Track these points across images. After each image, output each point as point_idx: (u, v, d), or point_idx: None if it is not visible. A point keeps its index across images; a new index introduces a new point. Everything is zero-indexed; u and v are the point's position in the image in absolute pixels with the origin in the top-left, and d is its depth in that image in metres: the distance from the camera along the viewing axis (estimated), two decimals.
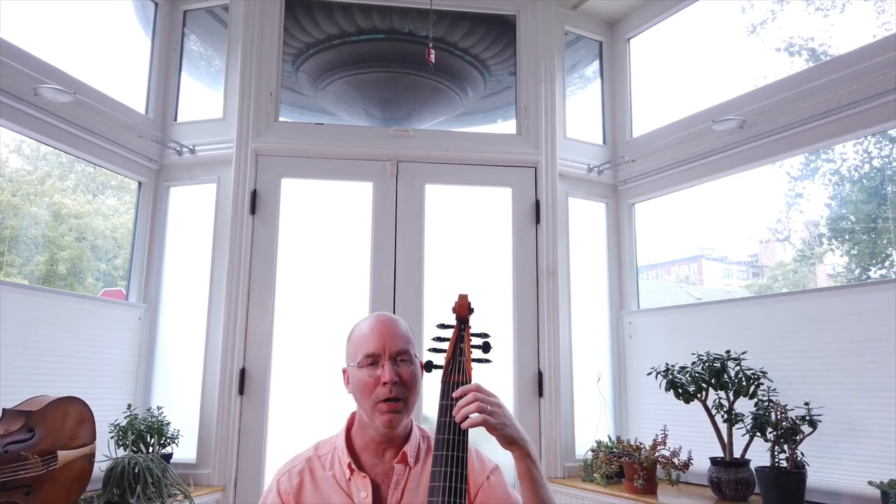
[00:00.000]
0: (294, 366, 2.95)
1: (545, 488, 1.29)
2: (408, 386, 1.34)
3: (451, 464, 1.21)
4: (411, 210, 3.13)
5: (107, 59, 3.14)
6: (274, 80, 3.15)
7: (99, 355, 2.74)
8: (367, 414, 1.34)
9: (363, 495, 1.33)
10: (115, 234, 3.56)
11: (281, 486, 1.40)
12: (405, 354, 1.35)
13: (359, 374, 1.35)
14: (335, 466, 1.39)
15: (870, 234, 3.46)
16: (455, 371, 1.32)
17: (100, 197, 3.61)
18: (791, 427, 2.23)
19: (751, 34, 3.50)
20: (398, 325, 1.39)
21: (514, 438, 1.25)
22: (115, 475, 2.37)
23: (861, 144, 3.41)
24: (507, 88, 3.71)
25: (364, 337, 1.37)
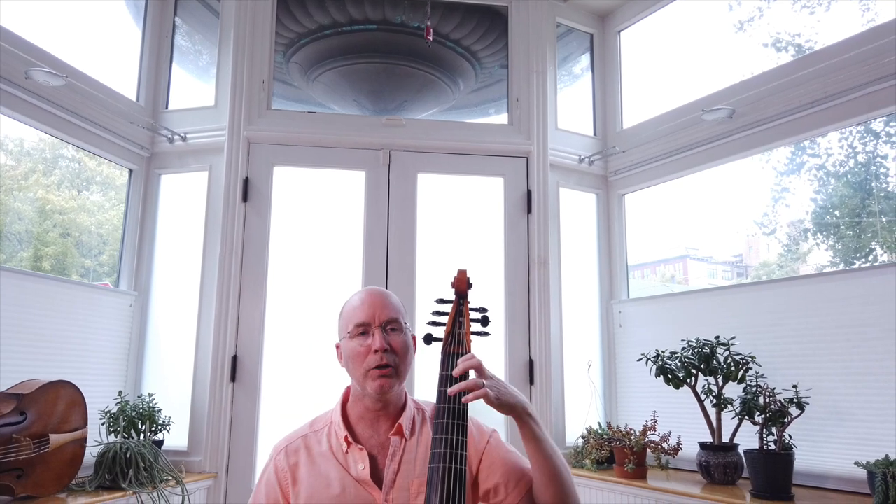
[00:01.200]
0: (286, 353, 2.95)
1: (549, 443, 1.31)
2: (399, 354, 1.35)
3: (452, 431, 1.22)
4: (404, 199, 3.14)
5: (98, 45, 3.13)
6: (266, 68, 3.15)
7: (89, 342, 2.73)
8: (359, 383, 1.36)
9: (360, 467, 1.34)
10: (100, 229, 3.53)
11: (277, 464, 1.41)
12: (395, 323, 1.37)
13: (350, 345, 1.36)
14: (332, 440, 1.40)
15: (854, 229, 3.52)
16: (455, 343, 1.34)
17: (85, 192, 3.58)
18: (779, 410, 2.26)
19: (738, 31, 3.54)
20: (388, 297, 1.41)
21: (513, 405, 1.28)
22: (106, 460, 2.37)
23: (846, 139, 3.46)
24: (499, 82, 3.72)
25: (354, 308, 1.39)
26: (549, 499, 1.31)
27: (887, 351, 2.26)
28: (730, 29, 3.45)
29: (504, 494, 1.37)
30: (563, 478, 1.32)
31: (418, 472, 1.35)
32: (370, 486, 1.33)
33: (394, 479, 1.34)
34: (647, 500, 2.50)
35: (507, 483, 1.37)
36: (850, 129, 3.39)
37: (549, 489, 1.31)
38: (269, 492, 1.40)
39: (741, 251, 4.64)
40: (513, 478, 1.38)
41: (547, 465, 1.30)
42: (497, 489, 1.38)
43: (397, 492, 1.33)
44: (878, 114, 2.44)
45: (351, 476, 1.35)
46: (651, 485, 2.52)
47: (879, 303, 2.30)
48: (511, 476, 1.38)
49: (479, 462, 1.40)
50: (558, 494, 1.31)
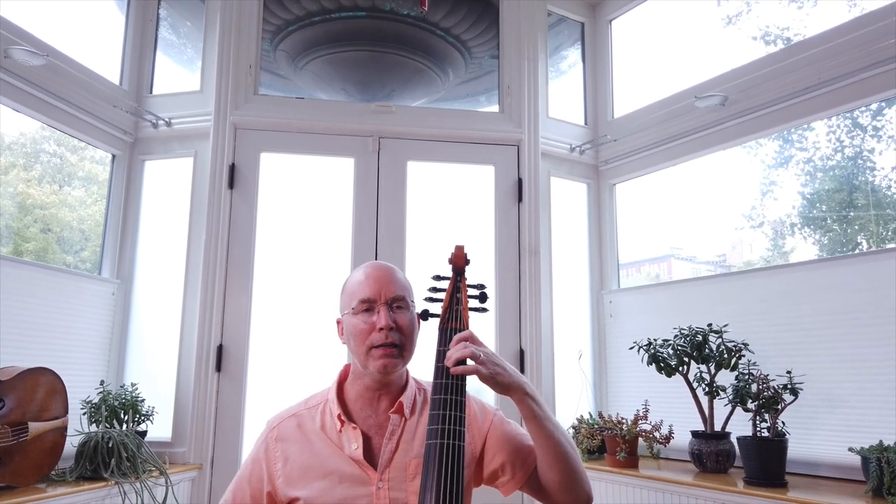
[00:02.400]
0: (273, 343, 2.89)
1: (550, 421, 1.28)
2: (404, 333, 1.31)
3: (449, 407, 1.19)
4: (393, 187, 3.09)
5: (80, 28, 3.04)
6: (253, 53, 3.09)
7: (71, 330, 2.66)
8: (360, 361, 1.31)
9: (354, 447, 1.30)
10: (82, 225, 3.45)
11: (268, 440, 1.37)
12: (402, 301, 1.32)
13: (353, 321, 1.31)
14: (325, 418, 1.36)
15: (840, 224, 3.53)
16: (452, 318, 1.30)
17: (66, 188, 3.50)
18: (772, 396, 2.25)
19: (727, 25, 3.54)
20: (395, 272, 1.36)
21: (510, 384, 1.24)
22: (88, 449, 2.30)
23: (834, 133, 3.47)
24: (489, 73, 3.69)
25: (359, 283, 1.34)
26: (556, 476, 1.28)
27: (879, 337, 2.25)
28: (718, 23, 3.44)
29: (511, 474, 1.34)
30: (569, 455, 1.28)
31: (416, 453, 1.31)
32: (364, 465, 1.29)
33: (391, 459, 1.30)
34: (640, 489, 2.48)
35: (514, 462, 1.34)
36: (838, 122, 3.39)
37: (553, 468, 1.28)
38: (254, 470, 1.37)
39: (724, 251, 4.66)
40: (519, 456, 1.35)
41: (550, 444, 1.27)
42: (503, 468, 1.34)
43: (394, 471, 1.29)
44: (871, 100, 2.44)
45: (345, 454, 1.30)
46: (643, 473, 2.50)
47: (871, 289, 2.29)
48: (517, 455, 1.35)
49: (483, 442, 1.36)
50: (564, 472, 1.28)
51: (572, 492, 1.29)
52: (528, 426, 1.27)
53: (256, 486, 1.36)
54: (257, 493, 1.35)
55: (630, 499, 2.51)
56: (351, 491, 1.27)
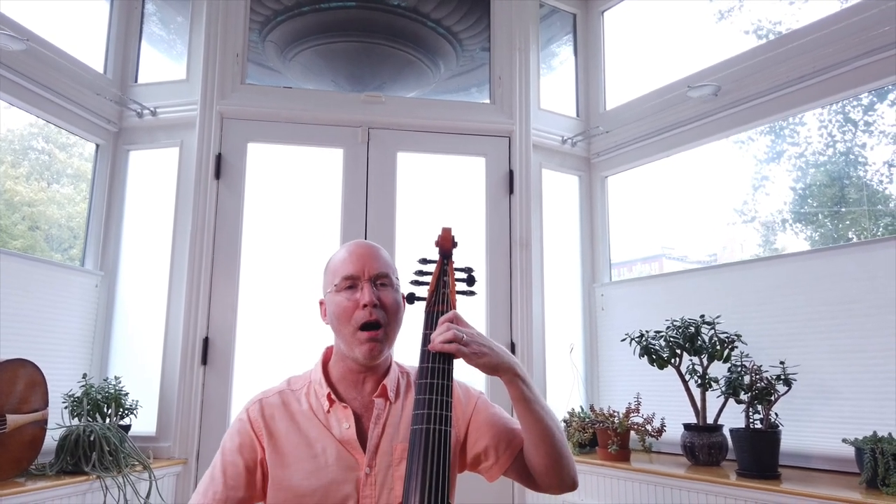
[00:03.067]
0: (261, 335, 2.84)
1: (539, 404, 1.24)
2: (389, 311, 1.26)
3: (435, 392, 1.15)
4: (383, 178, 3.05)
5: (62, 14, 2.98)
6: (241, 41, 3.04)
7: (52, 322, 2.60)
8: (345, 343, 1.26)
9: (345, 426, 1.25)
10: (70, 223, 3.40)
11: (251, 415, 1.30)
12: (386, 279, 1.28)
13: (336, 299, 1.27)
14: (311, 399, 1.31)
15: (832, 219, 3.51)
16: (439, 301, 1.26)
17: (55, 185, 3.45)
18: (766, 387, 2.22)
19: (720, 21, 3.51)
20: (379, 250, 1.32)
21: (497, 364, 1.20)
22: (69, 443, 2.25)
23: (825, 128, 3.45)
24: (480, 66, 3.65)
25: (342, 260, 1.30)
26: (542, 459, 1.25)
27: (875, 327, 2.23)
28: (711, 18, 3.42)
29: (494, 458, 1.31)
30: (556, 438, 1.25)
31: (402, 437, 1.26)
32: (354, 447, 1.24)
33: (377, 444, 1.25)
34: (632, 482, 2.45)
35: (497, 446, 1.31)
36: (830, 117, 3.38)
37: (540, 450, 1.25)
38: (243, 439, 1.28)
39: (715, 250, 4.65)
40: (503, 440, 1.31)
41: (537, 427, 1.23)
42: (487, 453, 1.31)
43: (381, 457, 1.24)
44: (865, 88, 2.42)
45: (333, 436, 1.25)
46: (635, 466, 2.47)
47: (866, 279, 2.27)
48: (501, 438, 1.31)
49: (466, 427, 1.32)
50: (550, 455, 1.25)
51: (558, 475, 1.26)
52: (516, 408, 1.24)
53: (250, 456, 1.26)
54: (252, 462, 1.26)
55: (621, 492, 2.48)
56: (338, 475, 1.22)
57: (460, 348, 1.16)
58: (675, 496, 2.29)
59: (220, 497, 1.23)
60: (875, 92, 3.26)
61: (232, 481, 1.25)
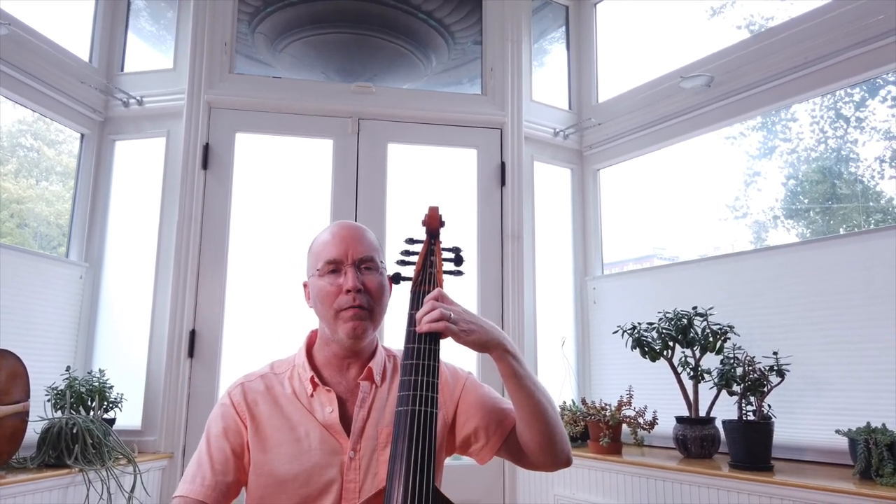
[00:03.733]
0: (248, 327, 2.80)
1: (530, 379, 1.21)
2: (373, 296, 1.23)
3: (421, 372, 1.11)
4: (373, 169, 3.02)
5: (47, 0, 2.94)
6: (229, 30, 3.00)
7: (35, 314, 2.55)
8: (329, 326, 1.23)
9: (329, 410, 1.22)
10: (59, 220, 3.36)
11: (234, 398, 1.27)
12: (370, 262, 1.25)
13: (319, 284, 1.24)
14: (294, 383, 1.27)
15: (823, 215, 3.50)
16: (425, 282, 1.23)
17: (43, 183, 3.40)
18: (759, 378, 2.20)
19: (712, 17, 3.50)
20: (363, 232, 1.29)
21: (486, 341, 1.17)
22: (51, 436, 2.20)
23: (817, 124, 3.44)
24: (472, 60, 3.62)
25: (325, 243, 1.26)
26: (534, 437, 1.22)
27: (869, 318, 2.21)
28: (703, 14, 3.40)
29: (485, 439, 1.28)
30: (548, 414, 1.22)
31: (387, 421, 1.23)
32: (338, 432, 1.21)
33: (363, 428, 1.22)
34: (623, 475, 2.42)
35: (488, 427, 1.28)
36: (822, 113, 3.37)
37: (532, 427, 1.21)
38: (227, 423, 1.25)
39: (707, 251, 4.64)
40: (493, 420, 1.28)
41: (529, 403, 1.20)
42: (477, 434, 1.28)
43: (365, 441, 1.21)
44: (858, 79, 2.40)
45: (317, 420, 1.22)
46: (627, 459, 2.44)
47: (859, 270, 2.25)
48: (491, 419, 1.28)
49: (455, 408, 1.29)
50: (543, 432, 1.22)
51: (551, 452, 1.24)
52: (507, 384, 1.21)
53: (236, 440, 1.23)
54: (238, 446, 1.23)
55: (613, 485, 2.46)
56: (321, 459, 1.19)
57: (449, 326, 1.13)
58: (668, 489, 2.27)
59: (209, 483, 1.21)
60: (867, 88, 3.25)
61: (220, 466, 1.22)
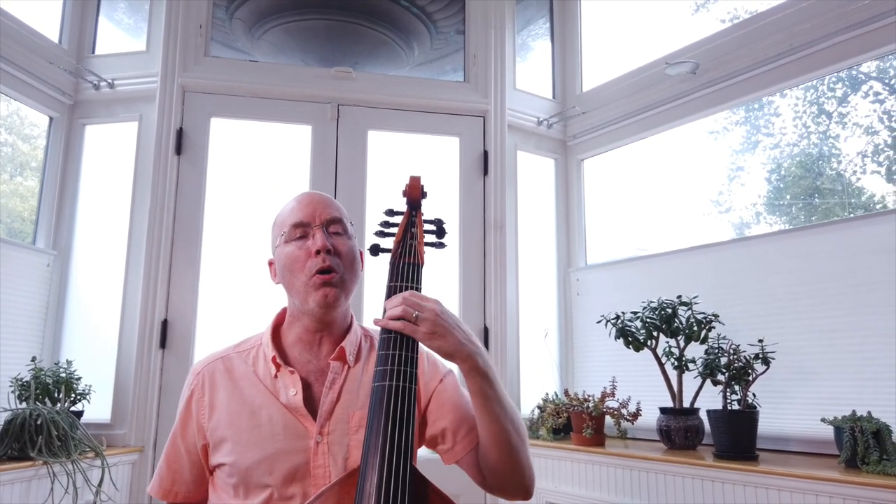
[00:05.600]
0: (223, 318, 2.72)
1: (500, 403, 1.11)
2: (344, 260, 1.16)
3: (399, 346, 1.05)
4: (353, 157, 2.95)
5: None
6: (204, 11, 2.91)
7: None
8: (298, 296, 1.16)
9: (292, 392, 1.15)
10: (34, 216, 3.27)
11: (195, 390, 1.21)
12: (339, 225, 1.18)
13: (286, 250, 1.17)
14: (258, 363, 1.20)
15: (806, 210, 3.50)
16: (406, 253, 1.16)
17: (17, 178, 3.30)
18: (743, 366, 2.17)
19: (695, 13, 3.48)
20: (330, 198, 1.23)
21: (452, 351, 1.06)
22: (14, 427, 2.11)
23: (800, 118, 3.43)
24: (455, 51, 3.56)
25: (291, 210, 1.20)
26: (492, 463, 1.14)
27: (852, 306, 2.19)
28: (687, 10, 3.38)
29: (451, 443, 1.19)
30: (512, 442, 1.12)
31: (361, 404, 1.16)
32: (302, 415, 1.14)
33: (331, 410, 1.15)
34: (607, 467, 2.38)
35: (457, 431, 1.19)
36: (804, 108, 3.36)
37: (492, 452, 1.13)
38: (186, 422, 1.22)
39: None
40: (463, 426, 1.19)
41: (493, 428, 1.11)
42: (444, 435, 1.20)
43: (335, 424, 1.14)
44: (843, 65, 2.39)
45: (280, 403, 1.15)
46: (610, 450, 2.40)
47: (843, 258, 2.23)
48: (461, 424, 1.20)
49: (427, 401, 1.22)
50: (501, 461, 1.13)
51: (508, 481, 1.15)
52: (473, 402, 1.12)
53: (191, 442, 1.20)
54: (192, 448, 1.20)
55: (596, 478, 2.41)
56: (285, 444, 1.12)
57: (408, 325, 1.04)
58: (652, 480, 2.23)
59: (167, 483, 1.23)
60: (849, 83, 3.24)
61: (176, 465, 1.23)
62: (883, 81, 2.99)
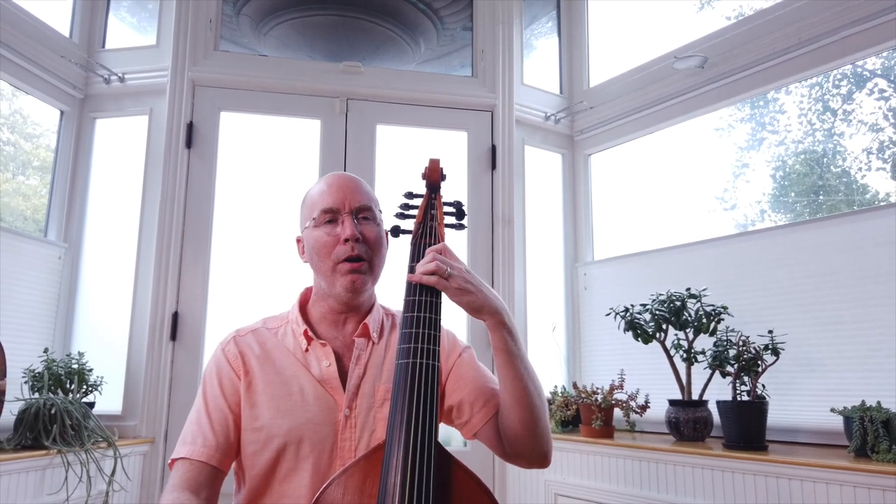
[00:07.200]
0: (233, 310, 2.73)
1: (521, 359, 1.15)
2: (372, 247, 1.18)
3: (422, 325, 1.06)
4: (361, 151, 2.96)
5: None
6: (214, 7, 2.93)
7: (11, 294, 2.46)
8: (326, 279, 1.18)
9: (325, 364, 1.17)
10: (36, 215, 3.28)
11: (227, 352, 1.21)
12: (368, 212, 1.20)
13: (315, 234, 1.18)
14: (287, 338, 1.22)
15: (809, 208, 3.51)
16: (426, 234, 1.18)
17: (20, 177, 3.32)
18: (753, 357, 2.18)
19: (700, 10, 3.49)
20: (360, 182, 1.24)
21: (481, 305, 1.11)
22: (28, 416, 2.12)
23: (805, 116, 3.44)
24: (462, 47, 3.58)
25: (321, 192, 1.21)
26: (515, 423, 1.15)
27: (858, 298, 2.20)
28: (692, 8, 3.39)
29: (469, 414, 1.21)
30: (534, 402, 1.15)
31: (384, 379, 1.18)
32: (334, 387, 1.16)
33: (358, 384, 1.17)
34: (616, 458, 2.39)
35: (474, 402, 1.21)
36: (809, 106, 3.37)
37: (514, 412, 1.15)
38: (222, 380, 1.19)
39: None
40: (480, 397, 1.22)
41: (516, 385, 1.13)
42: (461, 407, 1.22)
43: (361, 398, 1.16)
44: (851, 59, 2.39)
45: (311, 376, 1.17)
46: (619, 441, 2.41)
47: (850, 250, 2.24)
48: (479, 395, 1.22)
49: (447, 375, 1.24)
50: (524, 420, 1.14)
51: (528, 445, 1.17)
52: (497, 359, 1.15)
53: (233, 398, 1.18)
54: (235, 405, 1.18)
55: (606, 470, 2.42)
56: (316, 415, 1.14)
57: (441, 281, 1.08)
58: (661, 471, 2.24)
59: (212, 443, 1.16)
60: (854, 80, 3.26)
61: (219, 426, 1.17)
62: (888, 79, 3.00)
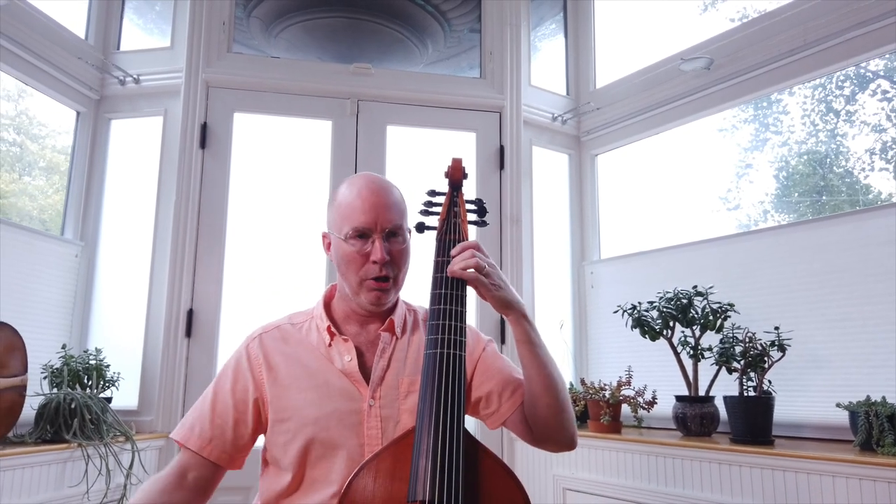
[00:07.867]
0: (247, 307, 2.78)
1: (543, 349, 1.22)
2: (398, 265, 1.23)
3: (449, 317, 1.11)
4: (372, 151, 3.01)
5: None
6: (227, 9, 2.98)
7: (29, 292, 2.51)
8: (351, 289, 1.23)
9: (347, 359, 1.22)
10: (42, 215, 3.32)
11: (251, 351, 1.26)
12: (398, 229, 1.24)
13: (344, 247, 1.22)
14: (311, 334, 1.27)
15: (812, 208, 3.55)
16: (450, 230, 1.23)
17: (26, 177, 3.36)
18: (759, 353, 2.22)
19: (703, 13, 3.53)
20: (391, 194, 1.26)
21: (510, 301, 1.19)
22: (48, 411, 2.17)
23: (808, 117, 3.49)
24: (470, 49, 3.62)
25: (353, 208, 1.22)
26: (543, 411, 1.21)
27: (863, 295, 2.24)
28: (695, 10, 3.43)
29: (497, 404, 1.27)
30: (558, 389, 1.21)
31: (409, 371, 1.23)
32: (357, 380, 1.21)
33: (382, 376, 1.22)
34: (624, 453, 2.43)
35: (502, 392, 1.27)
36: (812, 107, 3.42)
37: (541, 400, 1.20)
38: (237, 377, 1.24)
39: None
40: (508, 387, 1.27)
41: (541, 374, 1.20)
42: (490, 398, 1.27)
43: (385, 389, 1.21)
44: (856, 60, 2.43)
45: (335, 368, 1.22)
46: (627, 436, 2.45)
47: (854, 249, 2.28)
48: (506, 385, 1.28)
49: (473, 369, 1.29)
50: (551, 406, 1.20)
51: (557, 430, 1.23)
52: (521, 350, 1.21)
53: (241, 397, 1.23)
54: (242, 403, 1.23)
55: (614, 464, 2.47)
56: (341, 405, 1.19)
57: (480, 277, 1.14)
58: (669, 465, 2.28)
59: (207, 435, 1.21)
60: (857, 81, 3.30)
61: (220, 420, 1.22)
62: (891, 80, 3.04)
